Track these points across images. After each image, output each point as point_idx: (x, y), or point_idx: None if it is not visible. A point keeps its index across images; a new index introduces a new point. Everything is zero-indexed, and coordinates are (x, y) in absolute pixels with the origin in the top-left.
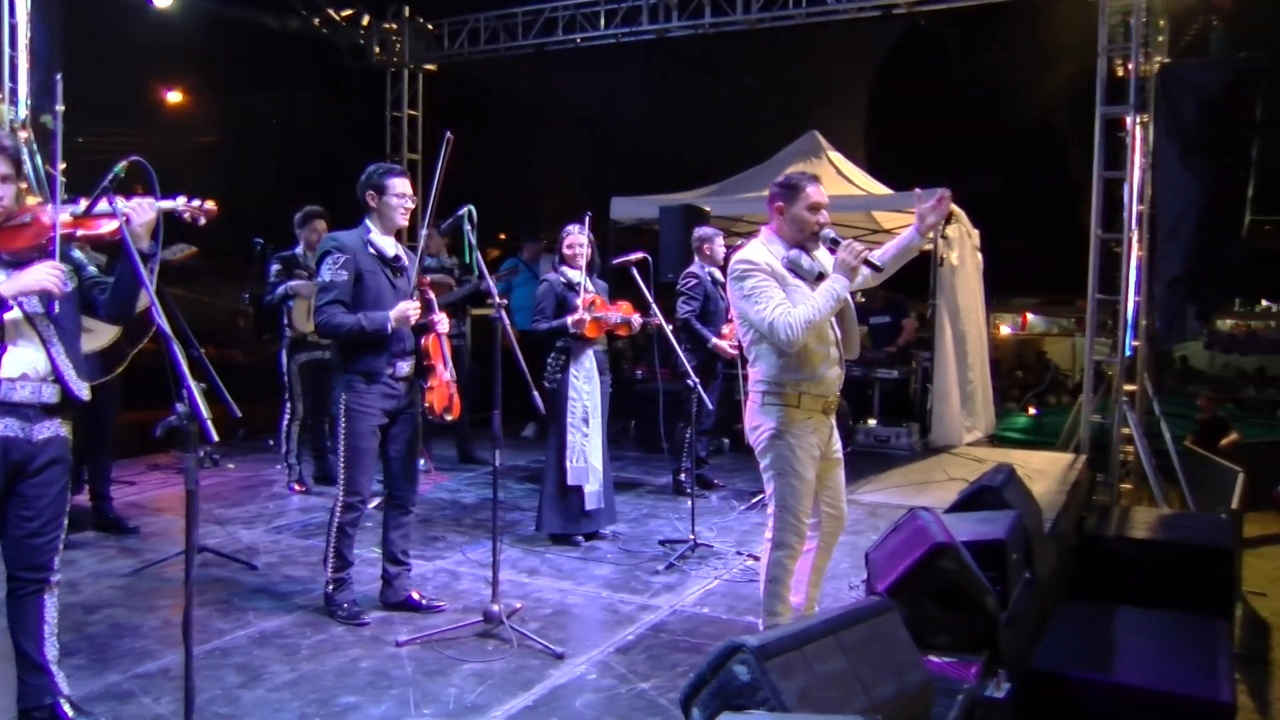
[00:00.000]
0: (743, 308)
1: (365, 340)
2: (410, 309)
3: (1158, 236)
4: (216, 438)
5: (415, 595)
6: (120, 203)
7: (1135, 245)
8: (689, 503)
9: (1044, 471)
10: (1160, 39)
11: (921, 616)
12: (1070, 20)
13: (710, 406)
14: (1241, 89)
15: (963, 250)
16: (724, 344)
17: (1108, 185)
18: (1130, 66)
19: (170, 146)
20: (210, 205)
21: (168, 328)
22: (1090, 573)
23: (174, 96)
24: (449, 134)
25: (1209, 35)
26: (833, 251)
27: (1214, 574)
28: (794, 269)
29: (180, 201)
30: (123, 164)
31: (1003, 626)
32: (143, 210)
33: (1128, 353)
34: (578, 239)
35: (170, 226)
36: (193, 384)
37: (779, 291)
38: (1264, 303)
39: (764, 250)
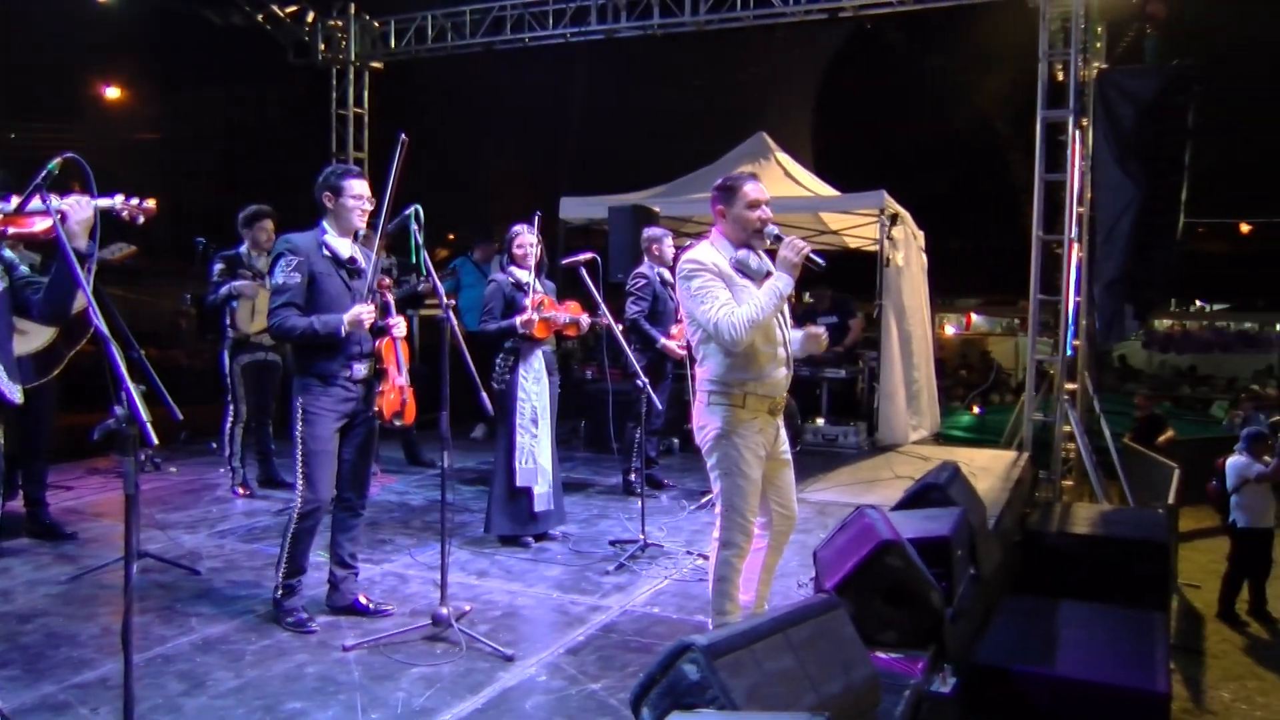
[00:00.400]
0: (690, 308)
1: (319, 343)
2: (365, 313)
3: (1097, 238)
4: (156, 441)
5: (362, 599)
6: (55, 200)
7: (1075, 247)
8: (639, 503)
9: (988, 469)
10: (1098, 45)
11: (869, 613)
12: (1012, 26)
13: (660, 407)
14: (1175, 95)
15: (908, 251)
16: (673, 344)
17: (1049, 188)
18: (1070, 72)
19: (108, 143)
20: (150, 204)
21: (105, 329)
22: (1033, 568)
23: (112, 92)
24: (403, 135)
25: (1144, 43)
26: (772, 252)
27: (1151, 568)
28: (742, 269)
29: (118, 200)
30: (57, 160)
31: (948, 622)
32: (79, 208)
33: (1069, 352)
34: (528, 239)
35: (109, 225)
36: (132, 386)
37: (725, 292)
38: (1198, 303)
39: (712, 251)
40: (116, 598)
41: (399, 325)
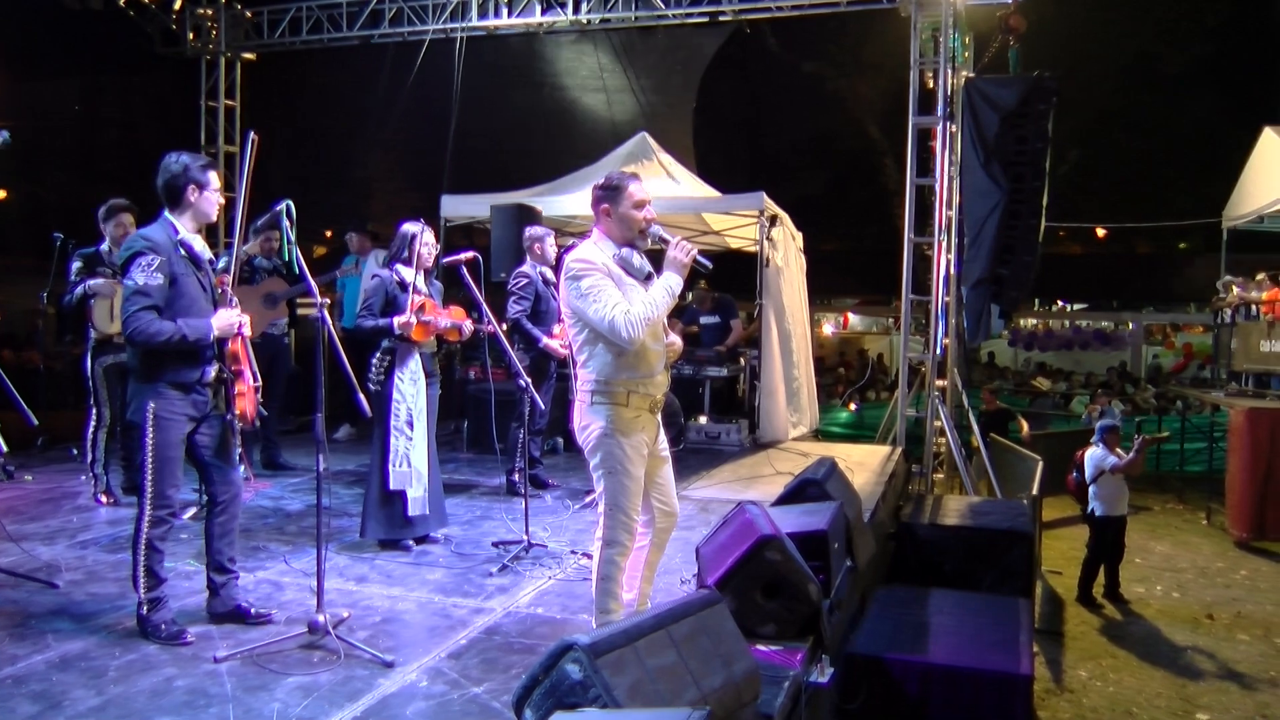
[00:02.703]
0: (579, 307)
1: (184, 349)
2: (234, 318)
3: (965, 240)
4: (6, 448)
5: (244, 604)
6: None
7: (944, 248)
8: (522, 503)
9: (864, 464)
10: (966, 55)
11: (749, 607)
12: (885, 34)
13: (542, 407)
14: (1035, 104)
15: (787, 252)
16: (555, 344)
17: (919, 191)
18: (940, 79)
19: None
20: None
21: None
22: (906, 558)
23: None
24: (253, 135)
25: (1008, 54)
26: (653, 253)
27: (1017, 556)
28: (626, 267)
29: None
30: None
31: (825, 613)
32: None
33: (939, 350)
34: (430, 238)
35: None
36: None
37: (616, 291)
38: (1059, 303)
39: (597, 250)
40: None
41: (245, 324)
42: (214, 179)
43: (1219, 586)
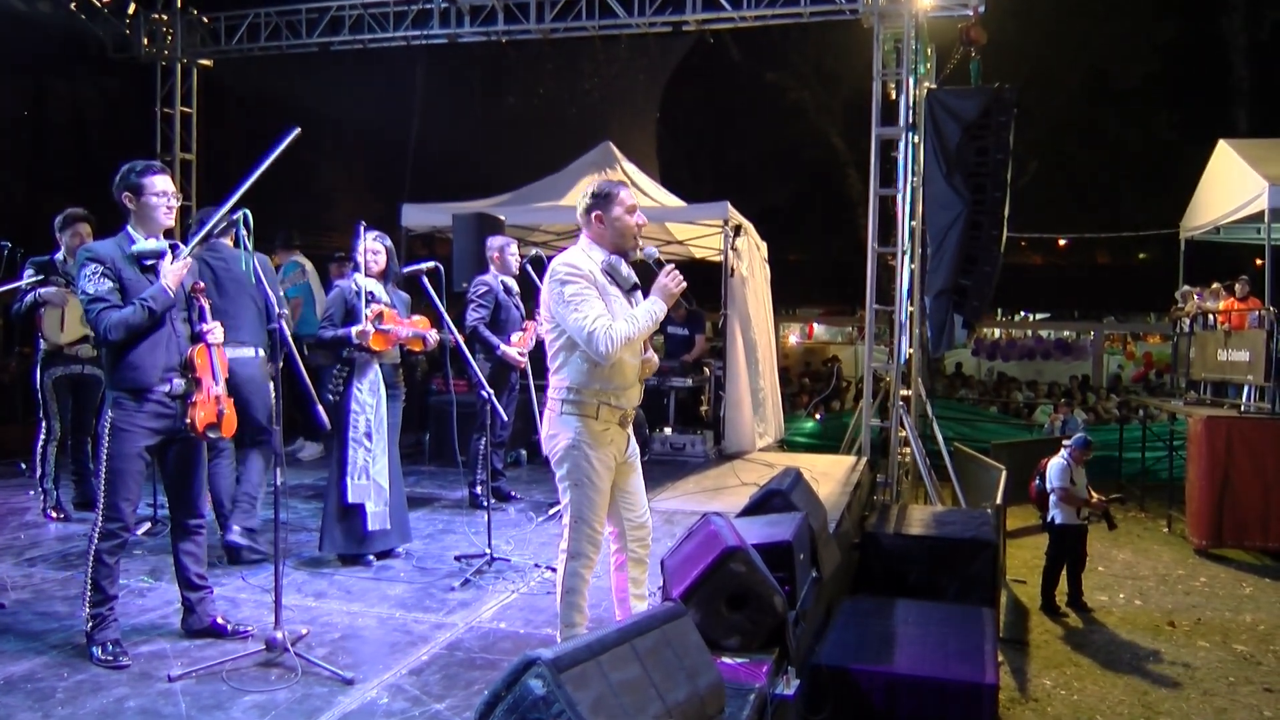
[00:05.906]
0: (561, 313)
1: (151, 325)
2: (179, 269)
3: (927, 251)
4: None
5: (220, 620)
6: None
7: (907, 259)
8: (485, 516)
9: (828, 474)
10: (928, 66)
11: (714, 619)
12: (848, 45)
13: (504, 418)
14: (996, 116)
15: (752, 262)
16: (513, 351)
17: (882, 202)
18: (902, 90)
19: None
20: None
21: None
22: (871, 568)
23: None
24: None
25: (969, 65)
26: (638, 265)
27: (981, 565)
28: (612, 275)
29: None
30: None
31: (790, 625)
32: None
33: (902, 360)
34: (369, 244)
35: None
36: None
37: (600, 302)
38: (1022, 313)
39: (585, 257)
40: None
41: (214, 331)
42: (154, 183)
43: (1179, 594)
